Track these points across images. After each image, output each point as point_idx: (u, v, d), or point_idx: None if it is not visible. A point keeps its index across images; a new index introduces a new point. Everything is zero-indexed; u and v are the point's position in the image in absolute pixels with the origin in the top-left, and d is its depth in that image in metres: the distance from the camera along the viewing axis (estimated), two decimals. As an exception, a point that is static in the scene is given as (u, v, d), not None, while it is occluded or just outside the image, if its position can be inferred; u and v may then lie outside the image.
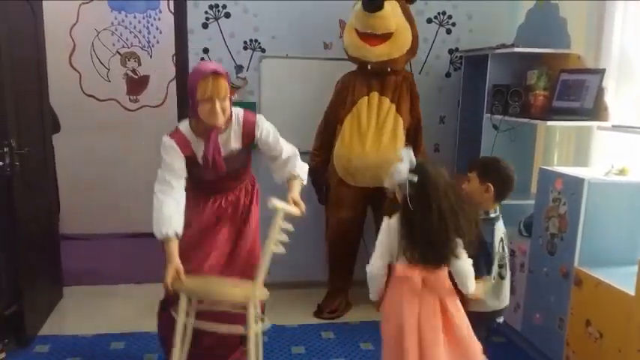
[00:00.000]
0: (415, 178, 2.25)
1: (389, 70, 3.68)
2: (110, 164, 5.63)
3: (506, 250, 2.66)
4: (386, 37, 3.57)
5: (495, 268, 2.54)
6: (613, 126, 3.21)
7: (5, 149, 3.16)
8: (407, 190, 2.25)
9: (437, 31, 4.33)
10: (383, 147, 3.61)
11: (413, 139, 3.80)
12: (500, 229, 2.62)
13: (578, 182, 2.91)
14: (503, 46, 3.75)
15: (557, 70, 3.57)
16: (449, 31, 4.34)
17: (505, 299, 2.65)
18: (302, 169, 2.87)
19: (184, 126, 2.75)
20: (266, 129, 2.83)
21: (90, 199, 5.61)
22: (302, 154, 2.97)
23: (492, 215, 2.61)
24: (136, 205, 5.67)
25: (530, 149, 4.02)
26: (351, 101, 3.71)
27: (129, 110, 5.69)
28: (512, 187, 2.63)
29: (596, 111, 3.27)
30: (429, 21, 4.30)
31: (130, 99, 5.69)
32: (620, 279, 2.68)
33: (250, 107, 3.98)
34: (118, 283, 4.50)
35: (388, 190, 2.42)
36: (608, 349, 2.68)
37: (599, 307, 2.75)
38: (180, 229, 2.62)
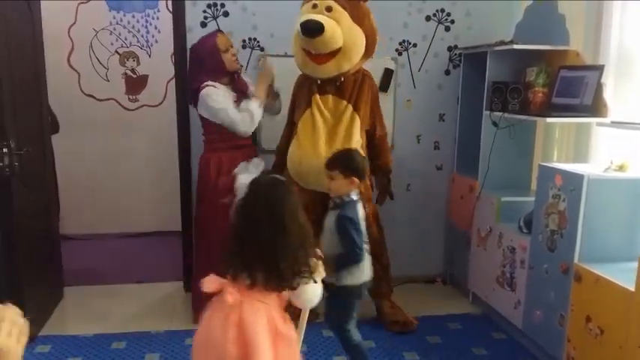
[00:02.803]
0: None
1: (342, 79, 3.48)
2: (110, 164, 5.62)
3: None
4: (334, 52, 3.32)
5: (366, 245, 2.84)
6: (612, 122, 3.21)
7: (4, 150, 3.15)
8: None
9: (436, 29, 4.33)
10: (335, 147, 3.31)
11: (376, 140, 3.67)
12: (361, 210, 2.89)
13: (577, 178, 2.91)
14: (502, 43, 3.74)
15: (556, 67, 3.57)
16: (448, 29, 4.34)
17: (369, 272, 2.90)
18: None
19: (210, 85, 3.46)
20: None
21: (90, 198, 5.61)
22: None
23: (355, 198, 2.87)
24: (136, 204, 5.70)
25: (530, 146, 4.02)
26: (306, 102, 3.53)
27: (128, 110, 5.68)
28: (367, 171, 3.05)
29: (595, 107, 3.27)
30: (428, 18, 4.29)
31: (129, 98, 5.68)
32: (620, 275, 2.68)
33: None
34: (118, 283, 4.50)
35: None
36: (608, 345, 2.68)
37: (600, 303, 2.75)
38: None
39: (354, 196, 2.87)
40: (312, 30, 3.21)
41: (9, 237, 3.29)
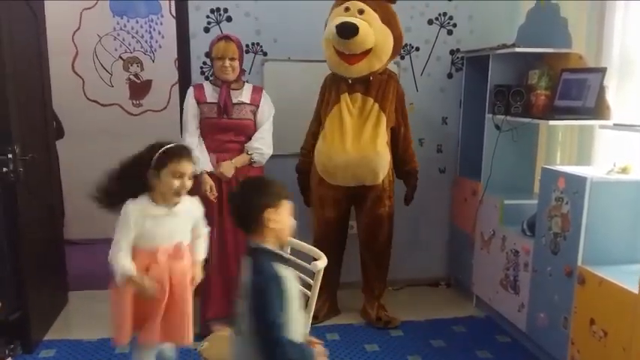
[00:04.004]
0: None
1: (371, 78, 3.61)
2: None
3: None
4: (365, 53, 3.47)
5: None
6: (615, 124, 3.20)
7: (9, 155, 3.16)
8: None
9: (438, 32, 4.34)
10: (363, 144, 3.54)
11: (400, 142, 3.80)
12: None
13: (580, 181, 2.90)
14: (505, 46, 3.75)
15: (559, 70, 3.57)
16: (450, 32, 4.35)
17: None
18: (255, 150, 3.50)
19: (205, 81, 3.63)
20: (268, 103, 3.57)
21: (94, 204, 5.61)
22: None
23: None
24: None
25: (533, 149, 4.02)
26: (334, 100, 3.64)
27: (132, 115, 5.71)
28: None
29: (597, 110, 3.27)
30: (430, 22, 4.30)
31: (133, 103, 5.71)
32: (624, 277, 2.68)
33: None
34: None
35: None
36: (612, 348, 2.68)
37: (603, 306, 2.74)
38: (208, 167, 3.43)
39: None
40: (347, 31, 3.36)
41: (14, 242, 3.30)
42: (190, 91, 3.55)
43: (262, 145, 3.52)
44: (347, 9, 3.47)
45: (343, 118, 3.58)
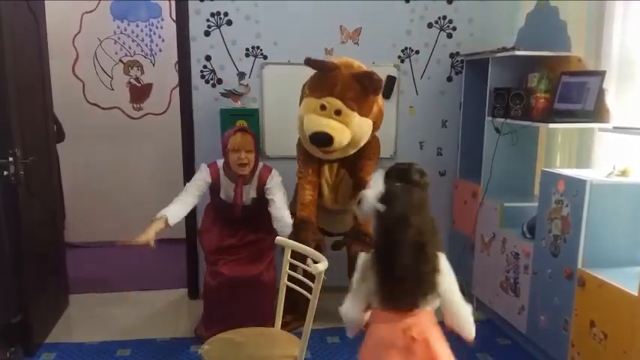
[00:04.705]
0: (382, 208, 1.95)
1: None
2: (115, 172, 5.65)
3: None
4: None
5: None
6: (614, 127, 3.22)
7: (10, 158, 3.17)
8: (374, 220, 2.00)
9: (438, 36, 4.35)
10: (340, 196, 3.65)
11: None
12: None
13: (580, 184, 2.91)
14: (504, 49, 3.76)
15: (558, 73, 3.58)
16: (450, 36, 4.36)
17: None
18: (287, 226, 3.39)
19: (220, 163, 3.56)
20: (277, 180, 3.54)
21: (95, 207, 5.63)
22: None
23: None
24: (140, 212, 5.68)
25: (533, 152, 4.03)
26: (315, 165, 3.61)
27: (132, 118, 5.72)
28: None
29: (597, 113, 3.28)
30: (430, 26, 4.31)
31: (133, 107, 5.72)
32: (624, 279, 2.69)
33: (253, 114, 4.03)
34: (123, 291, 4.52)
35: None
36: (613, 350, 2.68)
37: (603, 308, 2.75)
38: (172, 219, 3.36)
39: None
40: (321, 143, 3.32)
41: (15, 245, 3.31)
42: (206, 172, 3.53)
43: (289, 221, 3.43)
44: (323, 107, 3.32)
45: (322, 183, 3.63)
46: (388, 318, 2.00)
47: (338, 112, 3.31)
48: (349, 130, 3.33)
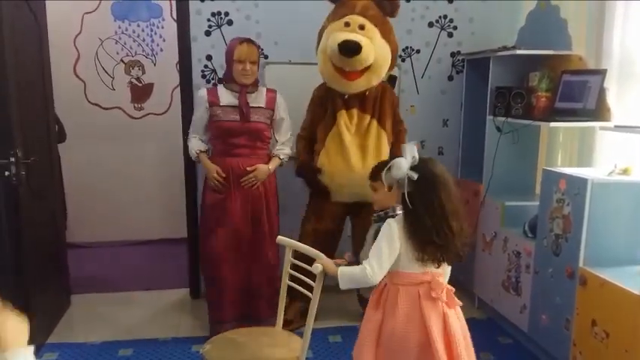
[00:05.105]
0: (415, 176, 2.13)
1: (367, 93, 3.58)
2: (116, 172, 5.65)
3: None
4: (365, 69, 3.43)
5: None
6: (615, 126, 3.21)
7: (11, 159, 3.17)
8: (405, 187, 2.15)
9: (439, 35, 4.34)
10: (367, 164, 3.41)
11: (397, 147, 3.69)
12: None
13: (581, 182, 2.91)
14: (505, 48, 3.76)
15: (559, 72, 3.58)
16: (450, 35, 4.36)
17: None
18: (287, 155, 3.63)
19: (219, 85, 3.65)
20: (283, 106, 3.61)
21: (96, 207, 5.64)
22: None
23: (400, 212, 2.43)
24: (142, 212, 5.72)
25: (534, 151, 4.03)
26: (330, 117, 3.61)
27: (134, 118, 5.72)
28: None
29: (598, 111, 3.28)
30: (431, 25, 4.31)
31: (134, 107, 5.72)
32: (625, 278, 2.68)
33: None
34: (125, 291, 4.52)
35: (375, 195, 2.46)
36: (614, 349, 2.68)
37: (605, 307, 2.75)
38: (202, 147, 3.56)
39: (399, 211, 2.41)
40: (351, 50, 3.29)
41: (16, 245, 3.31)
42: (203, 92, 3.54)
43: (289, 150, 3.64)
44: (347, 24, 3.40)
45: (343, 136, 3.55)
46: (412, 278, 2.22)
47: (362, 27, 3.39)
48: (373, 46, 3.38)
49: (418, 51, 4.34)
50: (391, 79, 4.26)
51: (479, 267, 4.07)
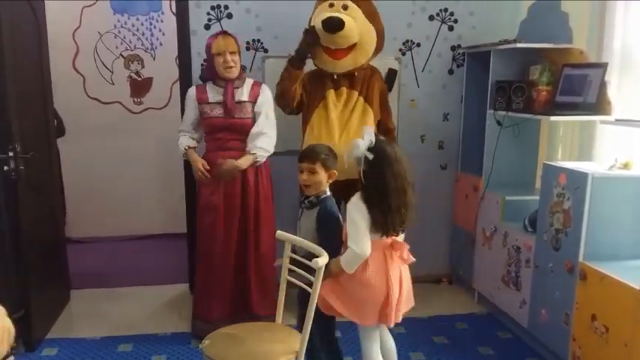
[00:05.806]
0: (371, 156, 2.43)
1: (355, 73, 3.62)
2: (115, 166, 5.64)
3: None
4: (350, 48, 3.51)
5: None
6: (616, 120, 3.20)
7: (10, 153, 3.16)
8: (362, 165, 2.46)
9: (439, 28, 4.32)
10: (351, 138, 3.32)
11: (383, 128, 3.72)
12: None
13: (581, 177, 2.90)
14: (506, 42, 3.74)
15: (560, 65, 3.56)
16: (451, 28, 4.34)
17: None
18: (259, 148, 3.45)
19: (208, 83, 3.54)
20: (266, 96, 3.55)
21: (96, 202, 5.63)
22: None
23: (329, 193, 2.81)
24: (142, 207, 5.72)
25: (534, 145, 4.01)
26: (320, 96, 3.62)
27: (133, 112, 5.71)
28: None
29: (599, 105, 3.26)
30: (431, 18, 4.29)
31: (134, 101, 5.71)
32: (625, 273, 2.68)
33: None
34: (125, 286, 4.52)
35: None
36: (614, 344, 2.67)
37: (605, 302, 2.74)
38: (191, 144, 3.57)
39: (328, 192, 2.80)
40: (333, 25, 3.41)
41: (15, 240, 3.31)
42: (192, 90, 3.56)
43: (264, 144, 3.46)
44: (331, 5, 3.52)
45: (329, 111, 3.58)
46: (376, 244, 2.53)
47: (345, 7, 3.51)
48: (357, 24, 3.48)
49: (418, 44, 4.32)
50: (391, 73, 4.24)
51: (478, 262, 4.06)
